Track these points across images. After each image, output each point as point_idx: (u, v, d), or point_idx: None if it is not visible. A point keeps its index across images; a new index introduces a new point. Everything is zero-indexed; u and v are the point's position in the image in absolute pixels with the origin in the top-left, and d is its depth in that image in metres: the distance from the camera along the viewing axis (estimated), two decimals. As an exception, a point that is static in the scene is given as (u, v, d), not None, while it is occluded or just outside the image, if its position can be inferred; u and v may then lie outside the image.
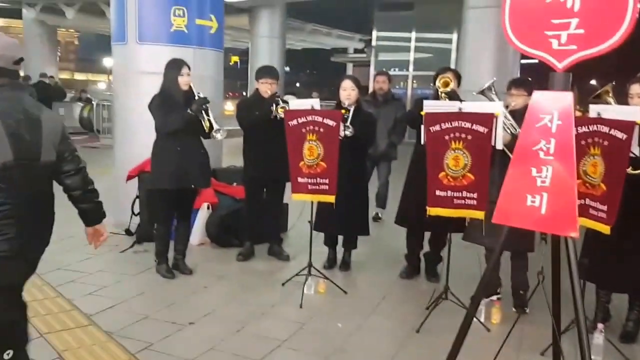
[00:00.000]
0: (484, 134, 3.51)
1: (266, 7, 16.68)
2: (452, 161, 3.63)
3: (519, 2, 1.94)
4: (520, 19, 1.92)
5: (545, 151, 1.80)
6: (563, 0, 1.83)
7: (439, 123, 3.63)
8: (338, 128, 4.02)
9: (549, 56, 1.86)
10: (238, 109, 4.79)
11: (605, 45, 1.74)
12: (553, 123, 1.79)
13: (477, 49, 10.36)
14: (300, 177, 4.11)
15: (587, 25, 1.78)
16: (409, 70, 18.20)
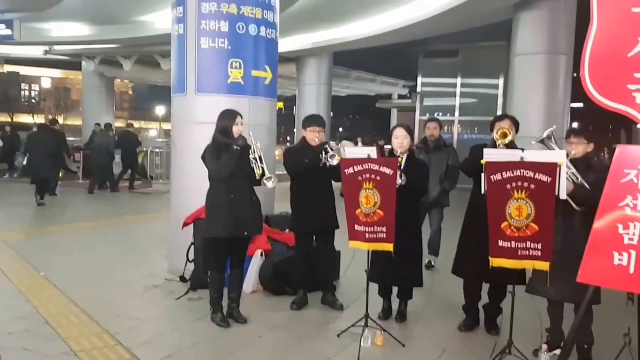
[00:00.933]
0: (548, 184, 3.42)
1: (313, 56, 17.14)
2: (516, 211, 3.54)
3: (600, 55, 1.91)
4: (601, 72, 1.89)
5: (632, 207, 1.73)
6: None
7: (501, 172, 3.56)
8: (395, 176, 3.99)
9: (633, 110, 1.81)
10: (286, 157, 4.84)
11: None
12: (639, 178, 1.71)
13: (526, 95, 10.28)
14: (357, 225, 4.07)
15: (673, 79, 1.73)
16: (454, 115, 18.15)
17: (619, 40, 1.89)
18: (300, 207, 4.79)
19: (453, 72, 18.01)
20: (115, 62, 19.44)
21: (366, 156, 4.07)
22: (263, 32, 5.66)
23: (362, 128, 44.14)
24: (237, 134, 4.26)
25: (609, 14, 1.95)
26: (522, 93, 10.40)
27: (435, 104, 18.75)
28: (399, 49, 19.06)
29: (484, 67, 17.43)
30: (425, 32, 14.33)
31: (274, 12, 5.82)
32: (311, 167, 4.57)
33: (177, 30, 5.75)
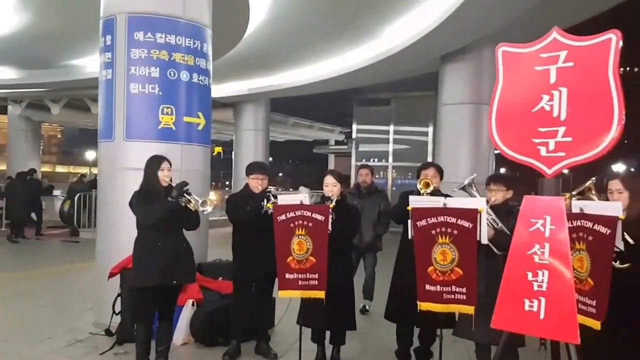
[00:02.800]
0: (470, 229, 3.52)
1: (250, 101, 17.23)
2: (440, 255, 3.61)
3: (506, 110, 2.02)
4: (507, 126, 2.00)
5: (539, 255, 1.80)
6: (549, 110, 1.91)
7: (426, 218, 3.65)
8: (327, 222, 4.00)
9: (538, 162, 1.91)
10: (228, 204, 4.78)
11: (593, 152, 1.80)
12: (546, 228, 1.80)
13: (453, 143, 10.70)
14: (288, 273, 4.03)
15: (575, 134, 1.85)
16: (388, 161, 18.64)
17: (524, 96, 2.01)
18: (242, 254, 4.70)
19: (386, 119, 18.61)
20: (42, 106, 18.77)
21: (298, 202, 4.08)
22: (195, 79, 5.65)
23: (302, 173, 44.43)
24: (163, 180, 4.16)
25: (513, 72, 2.09)
26: (449, 140, 10.83)
27: (369, 149, 19.20)
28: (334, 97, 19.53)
29: (415, 115, 18.13)
30: (357, 81, 14.80)
31: (207, 59, 5.84)
32: (253, 214, 4.52)
33: (105, 75, 5.64)
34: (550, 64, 1.99)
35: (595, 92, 1.85)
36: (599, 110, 1.84)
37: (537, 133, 1.93)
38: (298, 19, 9.89)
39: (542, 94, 1.98)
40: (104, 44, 5.66)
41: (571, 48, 1.95)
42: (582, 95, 1.89)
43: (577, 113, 1.88)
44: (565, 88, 1.94)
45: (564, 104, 1.92)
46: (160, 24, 5.49)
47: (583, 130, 1.85)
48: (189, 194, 4.12)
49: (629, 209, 3.32)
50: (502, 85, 2.08)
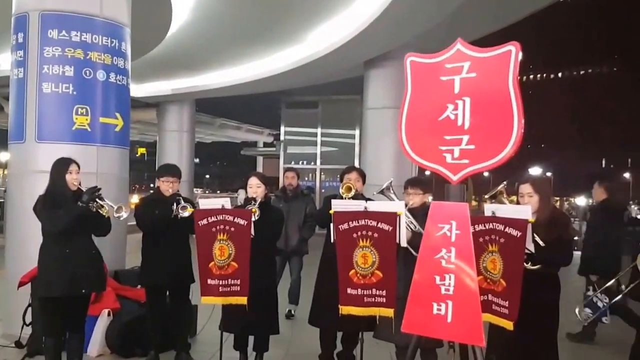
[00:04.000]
0: (389, 232, 3.59)
1: (174, 102, 16.76)
2: (361, 259, 3.65)
3: (414, 118, 2.08)
4: (415, 134, 2.05)
5: (446, 259, 1.86)
6: (454, 118, 1.97)
7: (347, 222, 3.68)
8: (249, 227, 3.96)
9: (444, 169, 1.98)
10: (137, 207, 4.62)
11: (495, 159, 1.88)
12: (452, 232, 1.86)
13: (377, 146, 10.93)
14: (210, 279, 3.94)
15: (478, 142, 1.93)
16: (316, 163, 18.76)
17: (431, 105, 2.08)
18: (150, 260, 4.55)
19: (314, 122, 18.75)
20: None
21: (220, 207, 4.01)
22: (113, 78, 5.45)
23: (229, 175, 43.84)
24: (71, 183, 3.95)
25: (421, 81, 2.15)
26: (374, 144, 11.05)
27: (298, 152, 19.26)
28: (262, 99, 19.44)
29: (342, 119, 18.38)
30: (285, 84, 14.82)
31: (125, 58, 5.64)
32: (162, 219, 4.38)
33: (17, 74, 5.36)
34: (454, 74, 2.06)
35: (497, 102, 1.94)
36: (500, 119, 1.93)
37: (443, 141, 2.00)
38: (222, 21, 9.76)
39: (448, 103, 2.06)
40: (15, 42, 5.40)
41: (474, 59, 2.03)
42: (484, 105, 1.98)
43: (479, 122, 1.97)
44: (469, 97, 2.02)
45: (467, 113, 2.00)
46: (76, 22, 5.27)
47: (485, 138, 1.93)
48: (101, 199, 3.94)
49: (539, 212, 3.51)
50: (410, 94, 2.14)
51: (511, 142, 1.86)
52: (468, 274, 1.82)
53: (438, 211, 1.94)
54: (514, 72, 1.92)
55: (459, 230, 1.87)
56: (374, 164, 10.45)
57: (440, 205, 1.95)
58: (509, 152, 1.88)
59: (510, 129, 1.87)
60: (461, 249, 1.86)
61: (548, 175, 50.37)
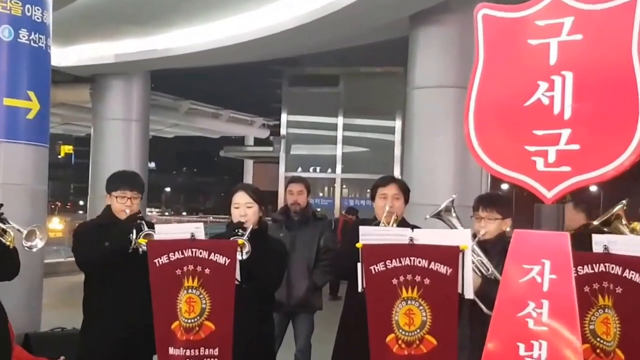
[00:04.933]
0: (448, 277, 3.61)
1: (119, 75, 16.78)
2: (405, 317, 3.68)
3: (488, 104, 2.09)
4: (490, 129, 2.06)
5: (535, 319, 1.86)
6: (548, 104, 1.98)
7: (384, 260, 3.71)
8: (234, 267, 3.99)
9: (534, 181, 1.99)
10: (76, 237, 4.68)
11: (611, 166, 1.89)
12: (544, 277, 1.87)
13: (429, 146, 10.87)
14: (173, 347, 3.99)
15: (584, 139, 1.94)
16: (336, 171, 18.80)
17: (513, 83, 2.10)
18: (96, 316, 4.60)
19: (332, 107, 18.77)
20: None
21: (188, 236, 4.05)
22: (24, 37, 5.56)
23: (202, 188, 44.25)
24: None
25: (499, 46, 2.16)
26: (423, 142, 10.99)
27: (307, 153, 19.32)
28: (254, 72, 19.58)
29: (375, 103, 18.35)
30: (288, 48, 14.81)
31: (44, 6, 5.73)
32: (116, 254, 4.44)
33: None
34: (550, 36, 2.06)
35: (614, 79, 1.94)
36: (619, 105, 1.93)
37: (531, 137, 2.01)
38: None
39: (539, 81, 2.06)
40: None
41: (580, 13, 2.02)
42: (594, 84, 1.98)
43: (586, 109, 1.97)
44: (571, 72, 2.01)
45: (569, 96, 2.01)
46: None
47: (596, 134, 1.94)
48: (3, 222, 4.00)
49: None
50: (482, 66, 2.15)
51: (635, 141, 1.87)
52: (568, 340, 1.83)
53: (523, 245, 1.95)
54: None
55: (555, 275, 1.88)
56: (423, 172, 10.42)
57: (526, 236, 1.96)
58: (631, 155, 1.88)
59: (635, 120, 1.88)
60: (559, 303, 1.86)
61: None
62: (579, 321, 1.83)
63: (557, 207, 1.98)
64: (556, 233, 1.95)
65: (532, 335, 1.89)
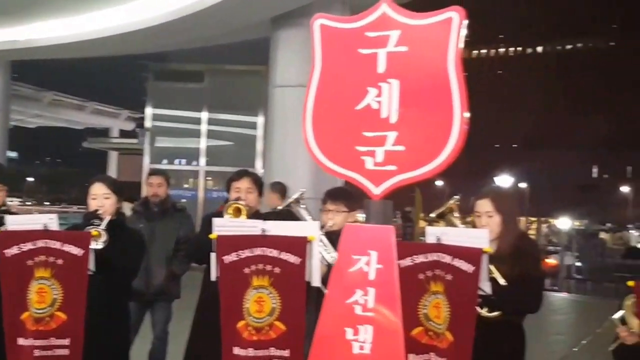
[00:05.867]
0: (297, 266, 3.65)
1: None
2: (255, 305, 3.69)
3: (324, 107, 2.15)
4: (326, 129, 2.12)
5: (362, 305, 1.93)
6: (377, 107, 2.07)
7: (237, 250, 3.72)
8: (87, 258, 3.90)
9: (363, 178, 2.07)
10: None
11: (430, 166, 1.98)
12: (371, 267, 1.94)
13: (289, 140, 10.95)
14: (22, 338, 3.85)
15: (409, 141, 2.03)
16: (199, 163, 18.63)
17: (346, 88, 2.17)
18: None
19: (197, 102, 18.59)
20: None
21: (40, 227, 3.92)
22: None
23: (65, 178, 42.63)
24: None
25: (334, 54, 2.24)
26: (284, 137, 11.07)
27: (172, 145, 19.05)
28: (119, 65, 19.08)
29: (239, 99, 18.36)
30: (153, 43, 14.57)
31: None
32: None
33: None
34: (378, 46, 2.16)
35: (433, 87, 2.06)
36: (437, 111, 2.04)
37: (362, 138, 2.08)
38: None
39: (369, 87, 2.15)
40: None
41: (405, 27, 2.12)
42: (418, 90, 2.09)
43: (411, 114, 2.07)
44: (397, 80, 2.12)
45: (395, 102, 2.10)
46: None
47: (419, 136, 2.03)
48: None
49: (501, 238, 3.71)
50: (320, 71, 2.22)
51: (450, 144, 1.98)
52: (391, 324, 1.92)
53: (352, 238, 2.02)
54: (455, 47, 2.04)
55: (381, 265, 1.96)
56: (283, 167, 10.52)
57: (354, 230, 2.04)
58: (447, 156, 1.99)
59: (450, 125, 1.99)
60: (383, 290, 1.95)
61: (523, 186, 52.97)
62: (400, 306, 1.91)
63: (384, 203, 2.06)
64: (382, 227, 2.03)
65: (359, 320, 1.96)
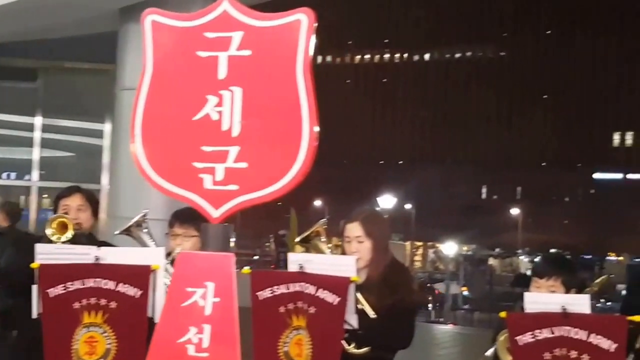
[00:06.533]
0: (136, 299, 3.59)
1: None
2: (85, 346, 3.60)
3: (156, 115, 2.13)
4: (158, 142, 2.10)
5: (196, 345, 1.91)
6: (217, 119, 2.06)
7: (64, 283, 3.62)
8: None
9: (201, 199, 2.05)
10: None
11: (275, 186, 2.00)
12: (207, 300, 1.93)
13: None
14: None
15: (253, 157, 2.03)
16: (32, 178, 18.05)
17: (181, 95, 2.15)
18: None
19: (28, 105, 18.00)
20: None
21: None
22: None
23: None
24: None
25: (168, 55, 2.22)
26: (130, 148, 10.93)
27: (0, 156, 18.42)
28: None
29: (81, 103, 17.90)
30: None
31: None
32: None
33: None
34: (219, 49, 2.15)
35: (281, 97, 2.07)
36: (284, 123, 2.06)
37: (199, 154, 2.07)
38: None
39: (208, 95, 2.14)
40: None
41: (249, 28, 2.12)
42: (262, 101, 2.09)
43: (255, 127, 2.07)
44: (240, 88, 2.11)
45: (238, 113, 2.10)
46: None
47: (263, 152, 2.04)
48: None
49: (371, 265, 3.79)
50: (151, 75, 2.18)
51: (298, 161, 1.99)
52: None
53: (186, 267, 2.01)
54: (305, 52, 2.07)
55: (218, 297, 1.95)
56: (131, 182, 10.30)
57: (189, 258, 2.03)
58: (294, 175, 2.00)
59: (299, 140, 2.00)
60: (220, 327, 1.94)
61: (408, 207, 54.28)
62: (239, 345, 1.90)
63: (224, 227, 2.06)
64: (221, 254, 2.02)
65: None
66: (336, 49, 76.83)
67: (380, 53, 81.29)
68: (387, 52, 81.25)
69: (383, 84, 78.01)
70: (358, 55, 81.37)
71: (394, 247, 26.63)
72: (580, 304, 3.20)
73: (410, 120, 72.15)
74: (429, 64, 79.47)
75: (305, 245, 4.23)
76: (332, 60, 79.70)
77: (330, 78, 73.27)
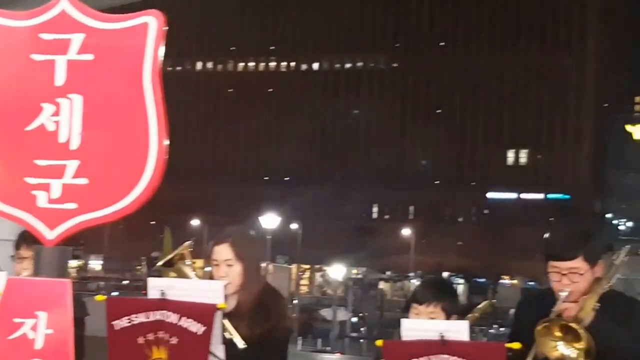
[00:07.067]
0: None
1: None
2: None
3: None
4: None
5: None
6: (54, 130, 1.99)
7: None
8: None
9: (34, 219, 1.98)
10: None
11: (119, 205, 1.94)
12: (38, 332, 1.86)
13: None
14: None
15: (93, 173, 1.97)
16: None
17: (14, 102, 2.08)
18: None
19: None
20: None
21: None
22: None
23: None
24: None
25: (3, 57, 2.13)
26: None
27: None
28: None
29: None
30: None
31: None
32: None
33: None
34: (56, 53, 2.07)
35: (126, 107, 2.01)
36: (129, 136, 2.01)
37: (33, 168, 1.99)
38: None
39: (43, 103, 2.06)
40: None
41: (91, 31, 2.06)
42: (105, 111, 2.04)
43: (96, 139, 2.02)
44: (80, 96, 2.04)
45: (77, 123, 2.03)
46: None
47: (105, 167, 1.99)
48: None
49: (242, 290, 3.76)
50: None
51: (145, 178, 1.95)
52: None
53: (15, 295, 1.93)
54: (154, 59, 2.02)
55: (52, 329, 1.88)
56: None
57: (20, 285, 1.95)
58: (140, 193, 1.96)
59: (146, 154, 1.96)
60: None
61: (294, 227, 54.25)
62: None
63: (61, 250, 1.99)
64: (55, 281, 1.95)
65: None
66: (220, 56, 76.19)
67: (266, 61, 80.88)
68: (273, 60, 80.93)
69: (268, 94, 77.66)
70: (242, 63, 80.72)
71: (278, 270, 26.71)
72: (458, 331, 3.24)
73: (297, 133, 71.98)
74: (318, 74, 79.66)
75: (169, 269, 4.17)
76: (213, 67, 78.79)
77: (211, 87, 72.87)
